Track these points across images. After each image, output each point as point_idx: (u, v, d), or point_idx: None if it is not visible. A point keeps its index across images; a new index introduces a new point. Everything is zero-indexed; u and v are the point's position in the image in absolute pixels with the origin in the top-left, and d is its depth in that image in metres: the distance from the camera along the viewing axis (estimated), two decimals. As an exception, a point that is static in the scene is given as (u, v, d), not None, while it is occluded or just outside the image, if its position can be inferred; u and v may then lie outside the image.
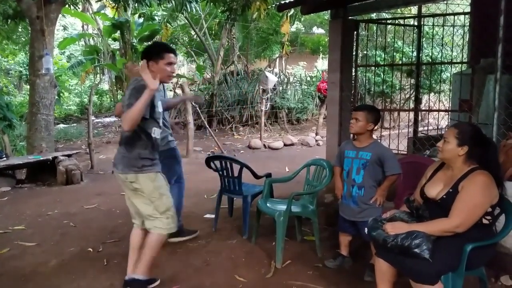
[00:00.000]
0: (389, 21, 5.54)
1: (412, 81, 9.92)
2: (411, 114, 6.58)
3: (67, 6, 9.04)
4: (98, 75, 18.61)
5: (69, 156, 6.82)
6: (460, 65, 6.59)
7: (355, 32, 5.04)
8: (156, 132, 2.91)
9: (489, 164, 2.40)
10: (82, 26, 18.80)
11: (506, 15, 3.40)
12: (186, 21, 13.79)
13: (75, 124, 13.17)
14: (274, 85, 10.90)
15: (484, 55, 4.95)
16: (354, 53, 5.09)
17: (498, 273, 3.10)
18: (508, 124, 3.76)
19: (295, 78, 13.84)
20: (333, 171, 3.54)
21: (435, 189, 2.52)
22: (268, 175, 4.26)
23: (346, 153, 3.32)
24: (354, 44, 5.08)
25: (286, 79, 13.15)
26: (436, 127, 7.05)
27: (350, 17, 4.98)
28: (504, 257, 3.11)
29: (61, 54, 18.48)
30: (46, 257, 3.76)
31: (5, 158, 6.35)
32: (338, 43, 4.91)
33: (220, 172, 4.17)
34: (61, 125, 12.73)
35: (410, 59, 7.86)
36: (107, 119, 13.99)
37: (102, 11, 14.22)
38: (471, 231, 2.32)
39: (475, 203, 2.31)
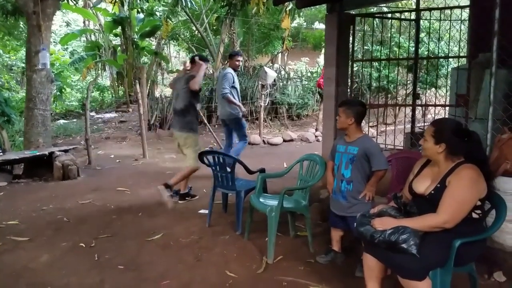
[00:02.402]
0: (386, 15, 5.48)
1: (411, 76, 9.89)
2: (410, 110, 6.52)
3: (66, 1, 8.99)
4: (99, 71, 18.61)
5: (66, 151, 6.81)
6: (458, 59, 6.51)
7: (352, 26, 5.00)
8: (198, 106, 5.00)
9: (474, 157, 2.37)
10: (84, 22, 18.82)
11: (502, 9, 3.35)
12: (187, 16, 13.73)
13: (75, 120, 13.17)
14: (274, 81, 10.84)
15: (483, 50, 4.89)
16: (350, 48, 5.04)
17: (491, 269, 3.06)
18: (503, 119, 3.71)
19: (295, 74, 13.76)
20: (326, 166, 3.52)
21: (423, 185, 2.49)
22: (262, 171, 4.23)
23: (338, 147, 3.31)
24: (351, 39, 5.04)
25: (286, 74, 13.08)
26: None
27: (346, 11, 4.93)
28: (497, 252, 3.08)
29: (63, 50, 18.50)
30: (38, 252, 3.75)
31: (1, 153, 6.35)
32: (334, 38, 4.87)
33: (213, 167, 4.15)
34: (61, 121, 12.73)
35: (408, 54, 7.80)
36: (108, 115, 13.98)
37: (99, 6, 14.19)
38: (460, 226, 2.29)
39: (462, 198, 2.28)
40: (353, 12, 5.16)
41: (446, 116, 6.46)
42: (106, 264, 3.52)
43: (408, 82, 10.43)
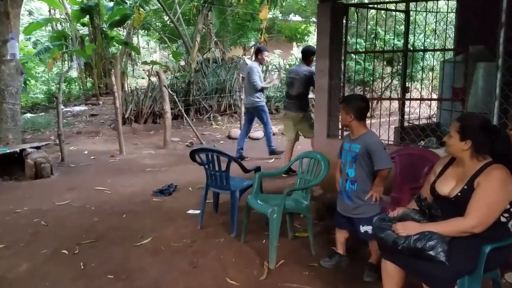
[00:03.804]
0: (378, 6, 5.35)
1: (393, 69, 9.87)
2: (397, 104, 6.44)
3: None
4: (66, 62, 17.83)
5: (38, 148, 6.37)
6: (444, 53, 6.47)
7: (345, 17, 4.82)
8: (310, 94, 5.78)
9: (501, 156, 2.23)
10: (49, 11, 18.00)
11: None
12: (159, 5, 13.25)
13: (43, 113, 12.50)
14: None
15: (472, 42, 4.83)
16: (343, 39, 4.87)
17: (502, 269, 2.96)
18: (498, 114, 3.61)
19: (273, 66, 13.54)
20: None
21: (448, 186, 2.33)
22: (258, 169, 4.01)
23: (344, 145, 3.15)
24: (344, 30, 4.87)
25: (264, 67, 12.85)
26: (427, 117, 6.98)
27: (339, 1, 4.76)
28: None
29: (26, 40, 17.61)
30: (16, 260, 3.43)
31: (-34, 151, 5.86)
32: (327, 29, 4.69)
33: (206, 166, 3.90)
34: (28, 115, 12.04)
35: (393, 47, 7.76)
36: (77, 108, 13.35)
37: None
38: (487, 230, 2.15)
39: (493, 201, 2.14)
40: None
41: (436, 110, 6.46)
42: (93, 272, 3.24)
43: (387, 75, 10.45)
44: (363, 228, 2.99)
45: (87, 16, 13.99)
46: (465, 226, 2.15)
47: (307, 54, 5.79)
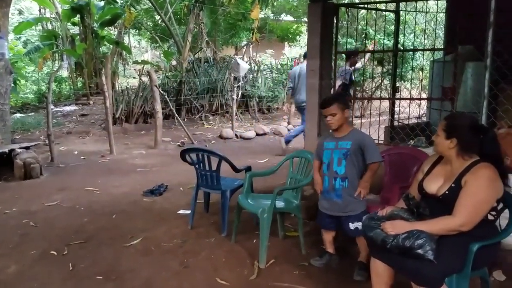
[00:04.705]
0: (368, 6, 5.37)
1: (384, 69, 9.92)
2: (388, 104, 6.47)
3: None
4: (56, 62, 17.67)
5: (27, 148, 6.32)
6: (433, 52, 6.52)
7: (335, 17, 4.83)
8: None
9: (488, 155, 2.25)
10: (39, 10, 17.77)
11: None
12: (150, 4, 13.19)
13: (32, 114, 12.38)
14: (245, 73, 10.60)
15: (461, 42, 4.87)
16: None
17: (490, 267, 2.99)
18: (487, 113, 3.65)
19: (265, 66, 13.55)
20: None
21: (435, 184, 2.35)
22: (248, 169, 4.01)
23: (325, 144, 3.13)
24: (334, 30, 4.87)
25: (256, 67, 12.85)
26: (417, 116, 7.02)
27: (329, 0, 4.77)
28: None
29: (16, 40, 17.43)
30: (4, 262, 3.40)
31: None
32: (318, 28, 4.69)
33: (197, 166, 3.88)
34: (18, 115, 11.91)
35: (383, 47, 7.79)
36: (67, 108, 13.25)
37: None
38: (475, 229, 2.16)
39: (481, 199, 2.16)
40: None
41: (426, 109, 6.51)
42: (83, 273, 3.22)
43: (377, 75, 10.51)
44: (352, 225, 3.00)
45: (78, 16, 13.90)
46: (453, 225, 2.17)
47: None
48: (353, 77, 6.93)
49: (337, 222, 3.13)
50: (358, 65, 7.41)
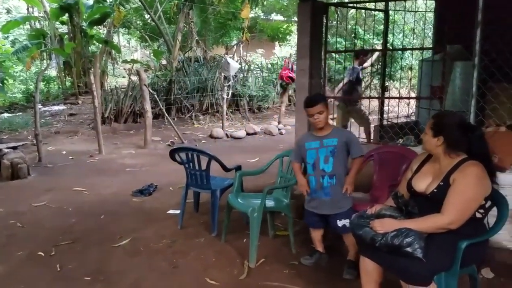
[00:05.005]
0: (358, 5, 5.39)
1: (373, 68, 9.96)
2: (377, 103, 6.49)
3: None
4: (45, 61, 17.48)
5: (14, 148, 6.24)
6: (422, 52, 6.56)
7: (325, 16, 4.83)
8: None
9: (476, 153, 2.26)
10: (27, 9, 17.57)
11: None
12: (140, 3, 13.09)
13: (20, 113, 12.25)
14: (235, 72, 10.58)
15: (450, 41, 4.90)
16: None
17: (478, 265, 3.00)
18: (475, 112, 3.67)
19: (255, 65, 13.54)
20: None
21: (424, 183, 2.36)
22: (238, 168, 3.99)
23: (307, 145, 3.12)
24: (324, 29, 4.88)
25: (246, 66, 12.83)
26: (406, 115, 7.08)
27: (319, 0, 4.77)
28: (485, 249, 3.03)
29: (4, 39, 17.18)
30: (-10, 264, 3.34)
31: None
32: (307, 28, 4.68)
33: (186, 165, 3.86)
34: (5, 114, 11.78)
35: (372, 47, 7.84)
36: (56, 108, 13.11)
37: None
38: (464, 227, 2.17)
39: (469, 197, 2.17)
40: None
41: (415, 109, 6.55)
42: (70, 275, 3.18)
43: (367, 74, 10.54)
44: (340, 222, 3.01)
45: (66, 14, 13.74)
46: (441, 223, 2.17)
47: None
48: (360, 75, 7.01)
49: (325, 220, 3.14)
50: (366, 64, 7.52)
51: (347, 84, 6.17)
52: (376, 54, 7.43)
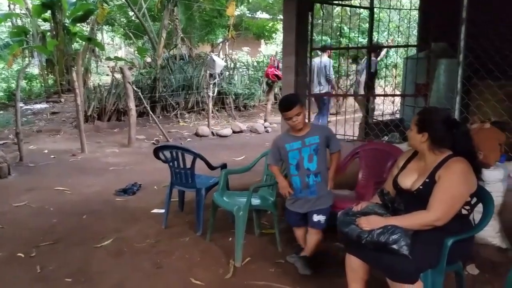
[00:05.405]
0: (343, 2, 5.39)
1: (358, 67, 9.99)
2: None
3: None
4: (27, 58, 17.15)
5: (-6, 147, 6.08)
6: (407, 49, 6.61)
7: (310, 13, 4.81)
8: None
9: (461, 150, 2.25)
10: (9, 6, 17.19)
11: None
12: (124, 0, 12.92)
13: (1, 112, 11.99)
14: (221, 70, 10.52)
15: (435, 39, 4.92)
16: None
17: (464, 262, 3.01)
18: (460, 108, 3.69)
19: (241, 63, 13.48)
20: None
21: (410, 180, 2.35)
22: (224, 166, 3.95)
23: (288, 146, 3.05)
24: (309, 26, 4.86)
25: (232, 64, 12.76)
26: (391, 113, 7.10)
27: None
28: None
29: (-16, 36, 16.82)
30: (-33, 266, 3.23)
31: None
32: (293, 25, 4.66)
33: (171, 164, 3.80)
34: (-14, 113, 11.53)
35: (357, 45, 7.85)
36: (38, 106, 12.86)
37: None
38: (450, 223, 2.17)
39: (454, 193, 2.16)
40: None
41: (400, 106, 6.58)
42: (51, 276, 3.10)
43: (352, 72, 10.58)
44: (316, 217, 3.00)
45: (49, 11, 13.50)
46: (427, 219, 2.16)
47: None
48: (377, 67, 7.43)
49: (306, 218, 3.11)
50: (382, 55, 7.98)
51: (368, 76, 6.39)
52: (385, 49, 7.75)
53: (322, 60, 7.69)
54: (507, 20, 4.09)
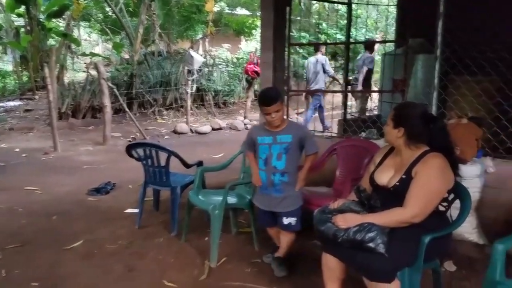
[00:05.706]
0: (321, -2, 5.36)
1: (337, 63, 10.00)
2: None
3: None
4: (0, 54, 16.69)
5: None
6: (385, 45, 6.61)
7: (288, 8, 4.74)
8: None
9: (438, 145, 2.21)
10: (-19, 1, 16.70)
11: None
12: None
13: (-28, 110, 11.62)
14: (200, 67, 10.37)
15: (413, 35, 4.92)
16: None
17: (441, 258, 2.99)
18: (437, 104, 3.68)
19: (221, 60, 13.35)
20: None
21: (386, 176, 2.29)
22: (200, 164, 3.84)
23: (260, 140, 2.96)
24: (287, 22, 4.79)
25: (212, 60, 12.62)
26: (369, 109, 7.12)
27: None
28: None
29: (-46, 32, 16.26)
30: None
31: None
32: (271, 20, 4.61)
33: (144, 162, 3.67)
34: (-44, 110, 11.13)
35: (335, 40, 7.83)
36: (11, 103, 12.50)
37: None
38: (427, 220, 2.12)
39: (431, 189, 2.11)
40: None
41: (378, 103, 6.58)
42: (17, 280, 2.96)
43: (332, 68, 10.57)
44: (286, 220, 2.91)
45: (23, 7, 13.11)
46: (404, 216, 2.11)
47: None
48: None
49: (274, 217, 3.02)
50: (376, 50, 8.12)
51: (367, 73, 6.59)
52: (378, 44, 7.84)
53: (317, 58, 7.82)
54: (483, 15, 4.10)
